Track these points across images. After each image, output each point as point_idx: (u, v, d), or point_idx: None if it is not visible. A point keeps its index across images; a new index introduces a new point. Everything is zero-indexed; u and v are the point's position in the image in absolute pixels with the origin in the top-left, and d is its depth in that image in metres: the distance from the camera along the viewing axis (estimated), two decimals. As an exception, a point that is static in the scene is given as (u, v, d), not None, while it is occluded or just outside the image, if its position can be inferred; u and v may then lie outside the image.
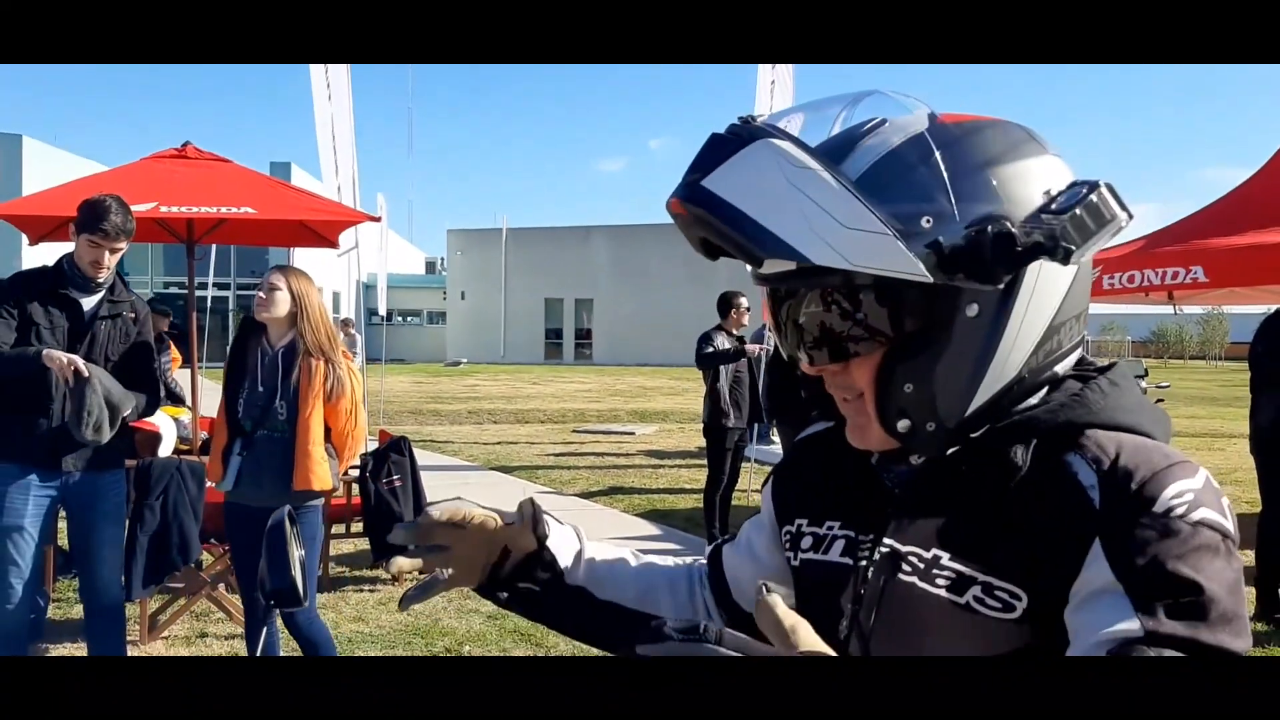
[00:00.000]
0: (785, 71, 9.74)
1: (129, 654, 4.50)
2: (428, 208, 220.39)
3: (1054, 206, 0.90)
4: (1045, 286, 0.93)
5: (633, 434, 15.13)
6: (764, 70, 9.69)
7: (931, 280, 0.87)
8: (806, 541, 1.10)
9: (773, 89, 9.60)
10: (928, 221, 0.87)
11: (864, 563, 1.02)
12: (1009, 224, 0.88)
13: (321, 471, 3.54)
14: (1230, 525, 0.86)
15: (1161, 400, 8.98)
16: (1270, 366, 5.40)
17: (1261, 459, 5.49)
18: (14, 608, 3.58)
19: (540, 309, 43.10)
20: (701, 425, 7.28)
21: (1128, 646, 0.80)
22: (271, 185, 6.25)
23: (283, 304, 3.53)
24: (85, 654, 3.98)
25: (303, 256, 31.10)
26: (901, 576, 0.97)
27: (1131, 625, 0.81)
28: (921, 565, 0.96)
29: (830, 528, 1.08)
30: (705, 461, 7.46)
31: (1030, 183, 0.91)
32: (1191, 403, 22.40)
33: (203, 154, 6.06)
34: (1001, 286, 0.90)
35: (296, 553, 1.14)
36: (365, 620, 5.33)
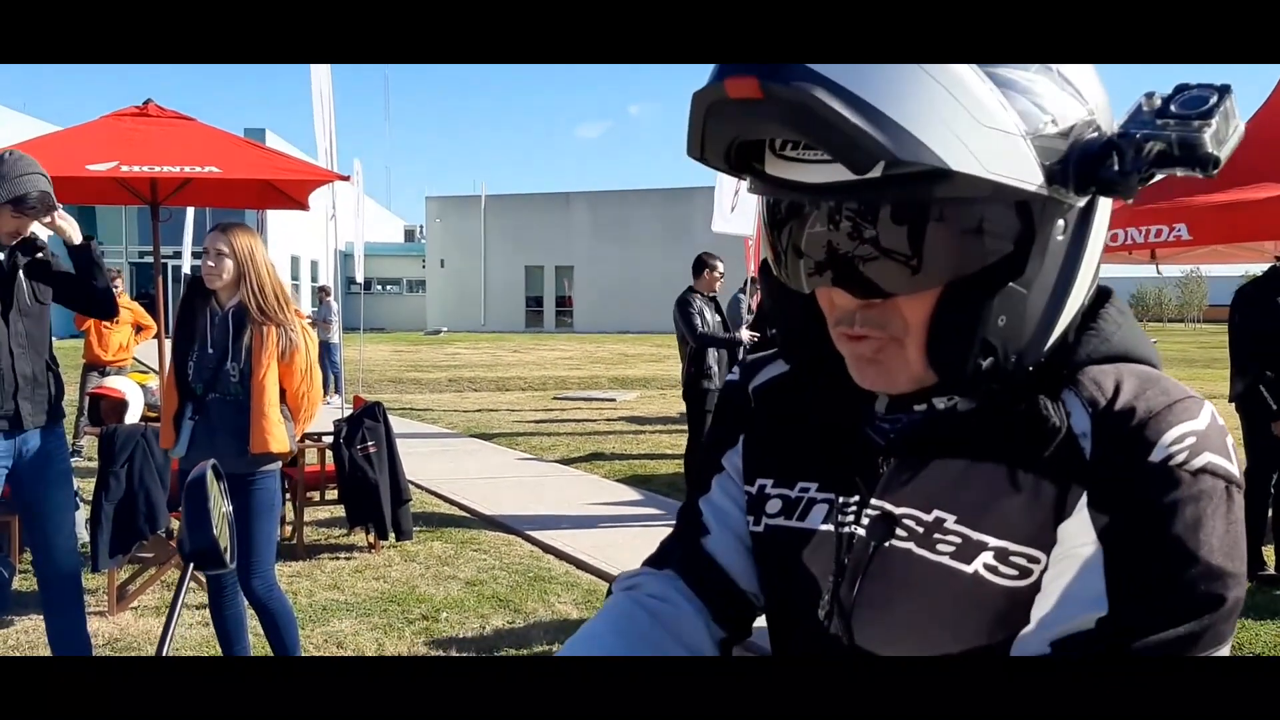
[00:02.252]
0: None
1: (96, 625, 4.40)
2: (407, 176, 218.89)
3: (1173, 109, 0.75)
4: (1105, 210, 0.82)
5: (614, 400, 15.06)
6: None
7: (1045, 193, 0.75)
8: (773, 505, 0.95)
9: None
10: (1051, 123, 0.74)
11: (848, 528, 0.88)
12: (1114, 129, 0.77)
13: (279, 433, 3.40)
14: (1235, 469, 0.76)
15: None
16: (1244, 336, 5.44)
17: (1244, 423, 5.52)
18: None
19: (521, 276, 42.82)
20: (682, 390, 7.20)
21: (1073, 644, 0.73)
22: (237, 144, 6.07)
23: (228, 269, 3.40)
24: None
25: (278, 223, 30.75)
26: (895, 542, 0.85)
27: (1086, 621, 0.73)
28: (920, 529, 0.83)
29: (805, 489, 0.93)
30: (686, 426, 7.39)
31: (1097, 85, 0.79)
32: (1172, 364, 22.51)
33: (165, 112, 5.87)
34: (1081, 204, 0.79)
35: (222, 510, 1.04)
36: (341, 588, 5.24)
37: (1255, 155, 6.68)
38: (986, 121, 0.71)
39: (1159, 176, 0.76)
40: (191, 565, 0.98)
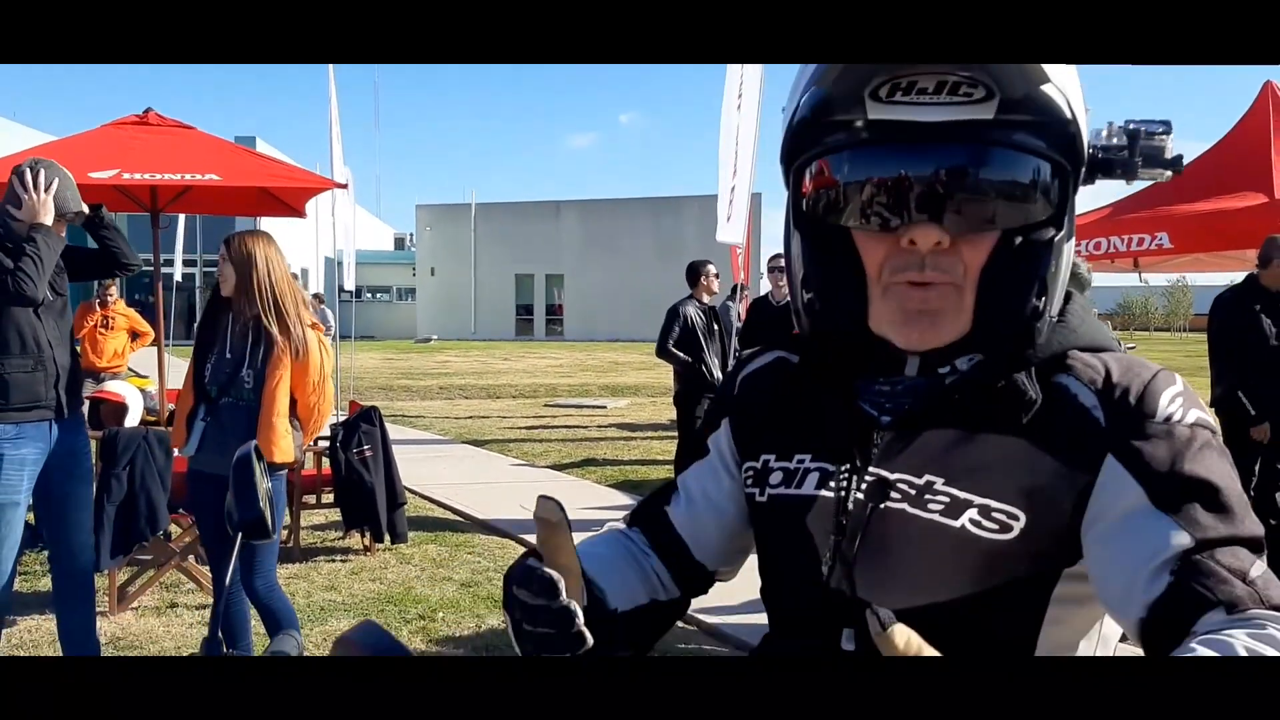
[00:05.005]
0: (754, 71, 9.62)
1: (98, 625, 4.44)
2: (396, 183, 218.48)
3: (1131, 127, 0.97)
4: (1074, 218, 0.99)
5: (604, 408, 15.13)
6: (732, 70, 9.58)
7: (1074, 168, 0.94)
8: (775, 477, 1.05)
9: (740, 87, 9.46)
10: (1085, 110, 0.93)
11: (844, 493, 0.99)
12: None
13: (285, 444, 3.48)
14: (1213, 419, 0.92)
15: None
16: (1222, 342, 5.57)
17: (1225, 427, 5.64)
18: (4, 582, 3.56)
19: (511, 285, 42.80)
20: (673, 396, 7.29)
21: (1188, 562, 0.83)
22: (236, 152, 6.14)
23: (229, 275, 3.48)
24: (54, 625, 3.91)
25: (269, 230, 30.64)
26: (890, 504, 0.96)
27: (1181, 539, 0.84)
28: (913, 491, 0.95)
29: (801, 460, 1.04)
30: (676, 433, 7.47)
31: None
32: (1156, 373, 22.68)
33: (165, 120, 5.94)
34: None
35: (263, 486, 1.13)
36: (338, 589, 5.31)
37: (1235, 165, 6.84)
38: (1076, 92, 0.91)
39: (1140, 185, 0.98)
40: (240, 535, 1.07)
